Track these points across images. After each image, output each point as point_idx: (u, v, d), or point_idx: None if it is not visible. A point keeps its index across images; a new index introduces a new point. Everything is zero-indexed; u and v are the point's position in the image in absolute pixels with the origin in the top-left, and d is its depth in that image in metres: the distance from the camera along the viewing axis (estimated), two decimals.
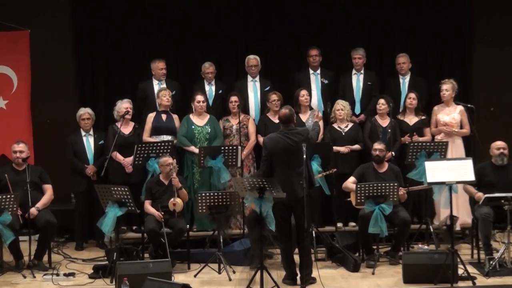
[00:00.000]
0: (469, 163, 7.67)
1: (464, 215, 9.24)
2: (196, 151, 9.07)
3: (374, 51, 10.34)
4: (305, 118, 9.34)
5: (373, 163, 8.65)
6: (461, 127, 9.42)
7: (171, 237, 8.21)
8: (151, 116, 9.36)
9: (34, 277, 8.04)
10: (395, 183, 8.20)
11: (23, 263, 8.36)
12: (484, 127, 9.63)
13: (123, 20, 10.13)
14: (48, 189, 8.61)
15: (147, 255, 8.51)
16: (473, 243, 8.67)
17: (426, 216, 9.08)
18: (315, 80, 9.86)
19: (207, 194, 8.27)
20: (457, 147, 9.37)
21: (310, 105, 9.50)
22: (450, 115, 9.40)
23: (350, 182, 8.61)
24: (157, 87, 9.63)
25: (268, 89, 9.70)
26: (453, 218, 7.84)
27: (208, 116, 9.38)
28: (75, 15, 10.07)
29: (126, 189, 7.91)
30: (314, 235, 8.60)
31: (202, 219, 8.91)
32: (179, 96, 9.73)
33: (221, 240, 8.30)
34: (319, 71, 9.87)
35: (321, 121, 9.11)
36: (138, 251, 8.48)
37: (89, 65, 10.17)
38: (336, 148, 9.21)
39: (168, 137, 9.23)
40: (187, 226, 8.57)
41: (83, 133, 9.46)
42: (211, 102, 9.71)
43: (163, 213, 8.30)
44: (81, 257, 8.96)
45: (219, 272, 8.15)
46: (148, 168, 8.87)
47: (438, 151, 8.82)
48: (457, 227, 9.15)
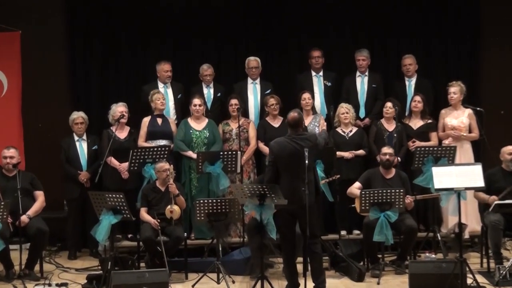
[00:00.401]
0: (478, 169, 7.61)
1: (473, 223, 9.22)
2: (194, 156, 9.03)
3: (378, 52, 10.27)
4: (308, 122, 9.24)
5: (380, 169, 8.62)
6: (470, 131, 9.39)
7: (168, 245, 8.21)
8: (146, 120, 9.34)
9: (25, 287, 7.98)
10: (401, 190, 8.20)
11: (14, 272, 8.31)
12: (493, 131, 9.56)
13: (118, 20, 10.08)
14: (39, 195, 8.58)
15: (143, 265, 8.51)
16: (483, 252, 8.61)
17: (433, 223, 9.06)
18: (318, 82, 9.82)
19: (206, 201, 8.21)
20: (465, 152, 9.33)
21: (314, 107, 9.46)
22: (458, 118, 9.38)
23: (355, 187, 8.58)
24: (163, 90, 9.59)
25: (269, 92, 9.66)
26: (461, 225, 7.79)
27: (206, 120, 9.34)
28: (68, 15, 10.04)
29: (121, 196, 7.86)
30: None
31: (200, 227, 8.89)
32: (182, 99, 9.71)
33: (220, 248, 8.27)
34: (321, 73, 9.84)
35: (325, 126, 9.12)
36: (133, 260, 8.41)
37: (83, 67, 10.11)
38: (339, 153, 9.16)
39: (164, 142, 9.17)
40: (185, 234, 8.54)
41: (76, 138, 9.41)
42: (209, 105, 9.67)
43: (159, 220, 8.29)
44: (74, 267, 8.93)
45: (218, 282, 8.10)
46: (144, 174, 8.83)
47: (446, 156, 8.81)
48: (466, 235, 9.13)
